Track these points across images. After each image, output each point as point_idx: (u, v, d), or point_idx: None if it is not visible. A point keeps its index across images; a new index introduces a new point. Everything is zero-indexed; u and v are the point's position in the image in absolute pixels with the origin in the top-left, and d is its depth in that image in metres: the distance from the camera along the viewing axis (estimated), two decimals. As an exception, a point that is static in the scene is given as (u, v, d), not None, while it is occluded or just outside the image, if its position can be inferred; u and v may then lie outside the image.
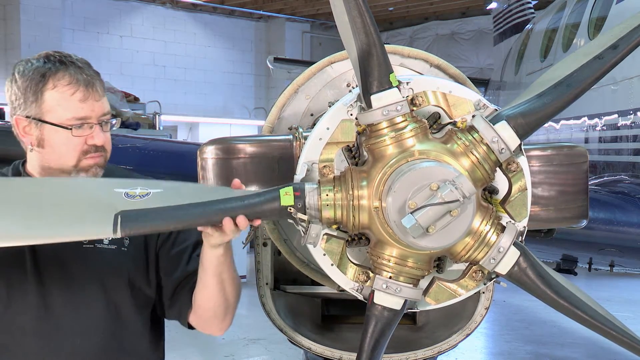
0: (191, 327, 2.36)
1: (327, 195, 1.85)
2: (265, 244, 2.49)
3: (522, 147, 1.90)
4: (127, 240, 2.27)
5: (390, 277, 1.88)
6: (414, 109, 1.87)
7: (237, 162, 2.10)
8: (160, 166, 3.66)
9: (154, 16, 18.48)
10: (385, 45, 1.84)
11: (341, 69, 2.42)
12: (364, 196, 1.84)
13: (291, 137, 2.11)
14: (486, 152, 1.84)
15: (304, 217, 1.85)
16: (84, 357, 2.22)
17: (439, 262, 1.94)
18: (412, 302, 1.93)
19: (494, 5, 13.21)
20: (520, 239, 1.91)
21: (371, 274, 1.92)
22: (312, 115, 2.43)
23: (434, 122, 1.90)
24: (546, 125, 6.72)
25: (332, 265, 1.94)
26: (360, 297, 1.96)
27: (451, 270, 1.98)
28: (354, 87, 2.24)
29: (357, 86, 1.88)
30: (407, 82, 1.89)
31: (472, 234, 1.85)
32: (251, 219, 1.86)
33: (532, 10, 11.67)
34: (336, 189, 1.86)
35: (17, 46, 15.73)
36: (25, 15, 15.78)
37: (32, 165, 2.27)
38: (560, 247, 4.59)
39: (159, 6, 18.57)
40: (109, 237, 1.99)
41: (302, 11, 19.86)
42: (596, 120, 6.06)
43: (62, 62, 2.18)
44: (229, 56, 19.93)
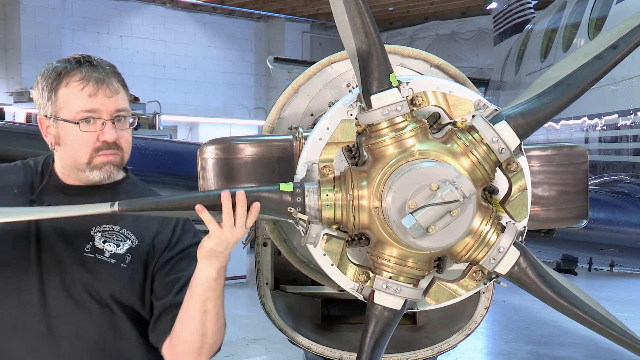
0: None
1: (327, 195, 1.85)
2: (265, 244, 2.48)
3: (522, 147, 1.90)
4: (128, 256, 2.22)
5: (390, 277, 1.88)
6: (414, 109, 1.87)
7: (237, 162, 2.09)
8: (160, 166, 3.65)
9: (154, 16, 18.49)
10: (385, 45, 1.84)
11: (341, 69, 2.41)
12: (364, 196, 1.84)
13: (291, 137, 2.11)
14: (486, 152, 1.84)
15: (304, 217, 1.85)
16: None
17: (439, 262, 1.94)
18: (412, 302, 1.93)
19: (494, 5, 13.21)
20: (520, 239, 1.91)
21: (371, 274, 1.93)
22: (312, 115, 2.43)
23: (434, 122, 1.90)
24: (546, 125, 6.71)
25: (332, 265, 1.94)
26: (360, 297, 1.96)
27: (451, 270, 1.98)
28: (354, 87, 2.24)
29: (357, 86, 1.88)
30: (407, 82, 1.89)
31: (472, 234, 1.85)
32: (250, 201, 1.85)
33: (532, 10, 11.66)
34: (336, 189, 1.86)
35: (17, 46, 15.75)
36: (25, 15, 15.79)
37: (57, 164, 2.30)
38: (560, 247, 4.58)
39: (159, 6, 18.57)
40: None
41: (302, 11, 19.86)
42: (596, 120, 6.05)
43: (78, 62, 2.21)
44: (229, 56, 19.93)
